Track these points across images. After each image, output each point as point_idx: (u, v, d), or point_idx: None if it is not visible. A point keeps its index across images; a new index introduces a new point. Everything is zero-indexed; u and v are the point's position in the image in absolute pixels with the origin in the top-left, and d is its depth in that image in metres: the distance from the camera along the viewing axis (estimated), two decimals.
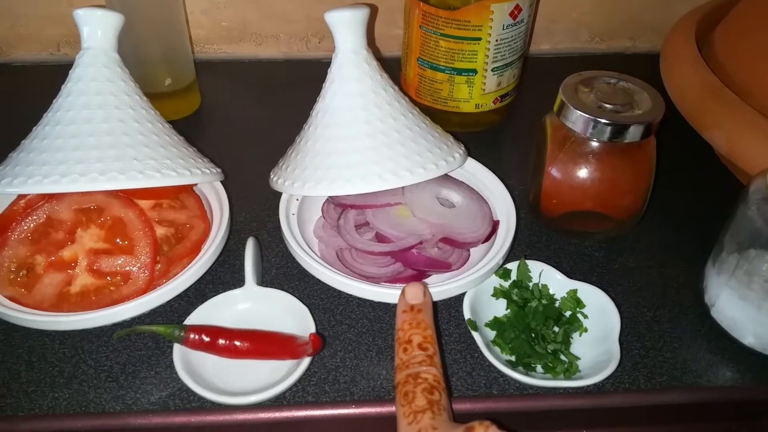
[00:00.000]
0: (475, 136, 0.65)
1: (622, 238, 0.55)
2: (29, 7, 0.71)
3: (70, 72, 0.48)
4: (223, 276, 0.50)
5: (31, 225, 0.44)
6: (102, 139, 0.44)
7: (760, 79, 0.55)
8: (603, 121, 0.47)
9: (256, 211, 0.56)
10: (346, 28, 0.50)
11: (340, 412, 0.39)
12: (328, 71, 0.51)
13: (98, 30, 0.47)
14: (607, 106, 0.49)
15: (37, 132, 0.46)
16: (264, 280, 0.50)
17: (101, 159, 0.43)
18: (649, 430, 0.42)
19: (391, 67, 0.56)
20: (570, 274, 0.48)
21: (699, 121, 0.57)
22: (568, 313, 0.46)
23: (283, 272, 0.51)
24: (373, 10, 0.72)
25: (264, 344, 0.41)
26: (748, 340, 0.45)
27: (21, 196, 0.46)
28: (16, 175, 0.43)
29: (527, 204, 0.56)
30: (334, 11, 0.49)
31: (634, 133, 0.48)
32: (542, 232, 0.55)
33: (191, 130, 0.66)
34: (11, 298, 0.43)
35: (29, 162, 0.43)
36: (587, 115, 0.48)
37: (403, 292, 0.39)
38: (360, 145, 0.48)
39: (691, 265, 0.52)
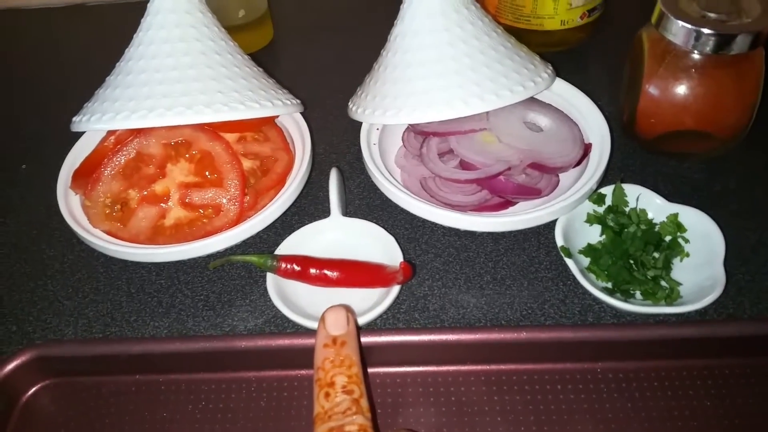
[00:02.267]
0: (560, 55, 0.61)
1: (723, 158, 0.51)
2: None
3: (149, 5, 0.47)
4: (308, 207, 0.50)
5: (122, 160, 0.44)
6: (185, 73, 0.44)
7: None
8: (707, 31, 0.44)
9: (335, 141, 0.56)
10: None
11: (432, 338, 0.39)
12: None
13: None
14: (711, 15, 0.45)
15: (120, 67, 0.46)
16: (347, 211, 0.50)
17: (186, 93, 0.43)
18: (761, 362, 0.40)
19: None
20: (669, 197, 0.46)
21: None
22: (668, 238, 0.44)
23: (366, 203, 0.51)
24: None
25: (355, 273, 0.41)
26: None
27: (110, 132, 0.47)
28: (104, 111, 0.43)
29: (620, 125, 0.53)
30: None
31: (741, 43, 0.44)
32: (637, 154, 0.52)
33: (266, 62, 0.65)
34: (108, 232, 0.44)
35: (116, 98, 0.44)
36: (689, 26, 0.44)
37: (322, 320, 0.34)
38: (443, 69, 0.46)
39: None
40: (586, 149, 0.48)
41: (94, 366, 0.41)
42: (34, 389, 0.41)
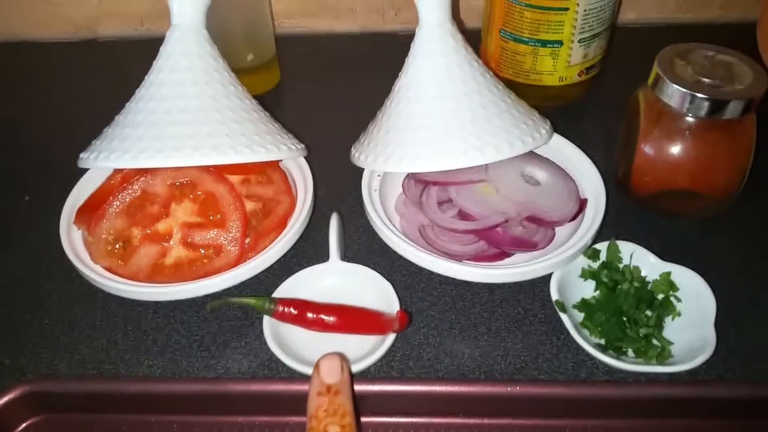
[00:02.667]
0: (559, 110, 0.63)
1: (716, 218, 0.52)
2: None
3: (161, 48, 0.49)
4: (308, 250, 0.51)
5: (128, 199, 0.45)
6: (194, 116, 0.45)
7: None
8: (701, 95, 0.45)
9: (337, 186, 0.56)
10: (431, 1, 0.49)
11: (426, 388, 0.40)
12: (412, 45, 0.51)
13: (187, 6, 0.48)
14: (705, 80, 0.46)
15: (130, 107, 0.48)
16: (346, 255, 0.51)
17: (194, 135, 0.44)
18: (746, 424, 0.40)
19: (470, 40, 0.54)
20: (662, 255, 0.47)
21: None
22: (660, 296, 0.45)
23: (365, 247, 0.51)
24: None
25: (352, 319, 0.42)
26: None
27: (117, 171, 0.48)
28: (112, 150, 0.44)
29: (615, 181, 0.54)
30: None
31: (733, 109, 0.45)
32: (630, 211, 0.53)
33: (272, 105, 0.66)
34: (108, 269, 0.45)
35: (125, 137, 0.45)
36: (684, 90, 0.46)
37: (316, 368, 0.34)
38: (445, 121, 0.48)
39: None
40: (582, 204, 0.49)
41: (86, 403, 0.41)
42: (24, 425, 0.41)
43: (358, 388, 0.39)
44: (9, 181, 0.58)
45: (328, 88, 0.68)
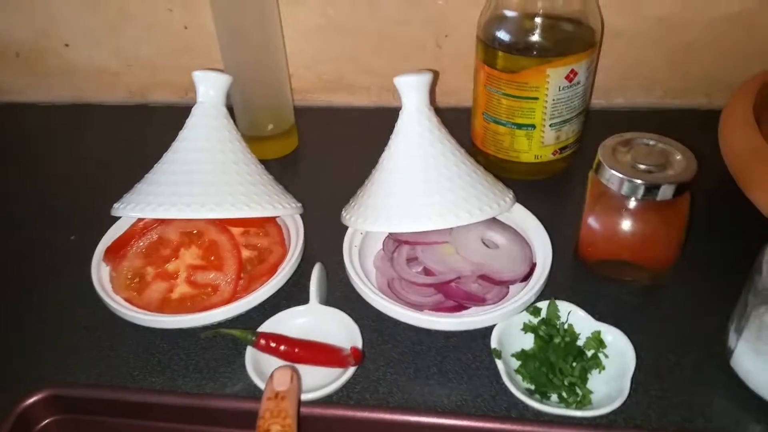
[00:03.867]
0: (541, 182, 0.71)
1: (661, 286, 0.58)
2: (166, 59, 0.85)
3: (187, 120, 0.60)
4: (296, 294, 0.59)
5: (146, 243, 0.55)
6: (205, 178, 0.55)
7: None
8: (635, 180, 0.52)
9: (330, 240, 0.65)
10: (411, 90, 0.58)
11: (372, 415, 0.46)
12: (396, 125, 0.60)
13: (210, 89, 0.59)
14: (642, 166, 0.53)
15: (157, 168, 0.58)
16: (329, 299, 0.59)
17: (203, 194, 0.54)
18: None
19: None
20: (603, 317, 0.53)
21: (743, 181, 0.59)
22: (590, 352, 0.51)
23: (345, 294, 0.59)
24: (436, 75, 0.80)
25: (315, 352, 0.50)
26: (762, 392, 0.48)
27: (140, 219, 0.58)
28: (137, 203, 0.54)
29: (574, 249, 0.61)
30: (402, 76, 0.58)
31: (665, 192, 0.52)
32: (585, 277, 0.60)
33: (288, 167, 0.77)
34: (126, 299, 0.54)
35: (148, 192, 0.55)
36: (621, 175, 0.53)
37: (270, 377, 0.40)
38: (414, 191, 0.56)
39: (724, 317, 0.55)
40: (533, 267, 0.56)
41: (98, 407, 0.49)
42: (46, 421, 0.49)
43: (317, 410, 0.47)
44: (62, 222, 0.70)
45: (340, 155, 0.78)
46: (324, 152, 0.79)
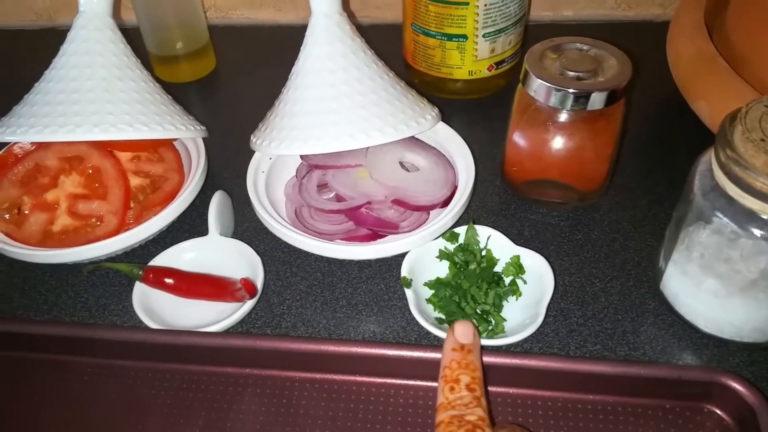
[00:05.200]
0: (478, 101, 0.66)
1: (593, 208, 0.54)
2: None
3: (68, 33, 0.53)
4: (200, 225, 0.54)
5: (22, 170, 0.49)
6: (85, 96, 0.49)
7: (754, 46, 0.52)
8: (561, 88, 0.47)
9: (243, 168, 0.60)
10: None
11: (273, 344, 0.42)
12: (305, 35, 0.53)
13: None
14: (570, 73, 0.48)
15: (36, 88, 0.52)
16: (236, 231, 0.54)
17: (79, 113, 0.48)
18: (578, 398, 0.42)
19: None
20: (527, 241, 0.49)
21: (688, 91, 0.55)
22: (510, 278, 0.47)
23: (254, 226, 0.54)
24: None
25: (204, 286, 0.45)
26: (690, 316, 0.44)
27: (14, 144, 0.52)
28: (8, 126, 0.48)
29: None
30: None
31: (595, 101, 0.47)
32: (512, 200, 0.56)
33: (205, 89, 0.71)
34: (6, 234, 0.49)
35: (21, 114, 0.49)
36: (546, 83, 0.47)
37: (452, 329, 0.38)
38: (321, 108, 0.50)
39: (659, 239, 0.51)
40: (455, 191, 0.52)
41: None
42: None
43: (215, 340, 0.42)
44: None
45: (261, 77, 0.71)
46: (245, 74, 0.72)
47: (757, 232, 0.38)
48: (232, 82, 0.72)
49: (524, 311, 0.45)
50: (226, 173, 0.60)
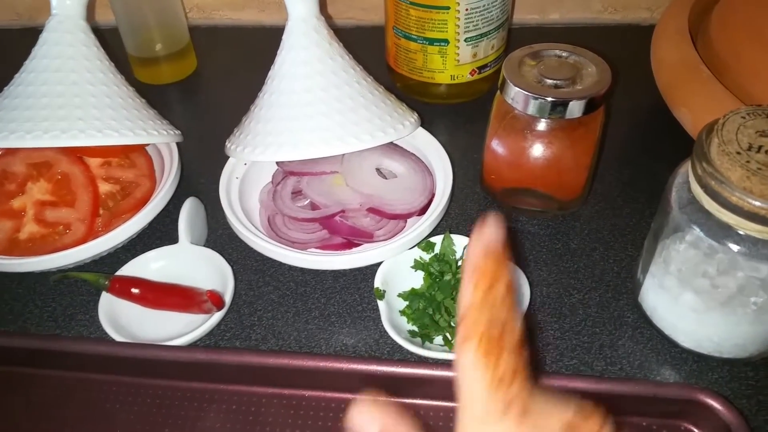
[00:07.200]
0: (461, 106, 0.65)
1: (573, 217, 0.53)
2: None
3: (40, 36, 0.52)
4: (172, 233, 0.53)
5: None
6: (54, 100, 0.48)
7: (737, 54, 0.51)
8: (539, 96, 0.46)
9: (218, 174, 0.59)
10: None
11: (237, 359, 0.41)
12: (282, 39, 0.52)
13: None
14: (549, 81, 0.47)
15: (6, 92, 0.51)
16: (210, 239, 0.53)
17: (48, 118, 0.47)
18: None
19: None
20: (506, 251, 0.48)
21: (670, 97, 0.54)
22: None
23: (227, 233, 0.53)
24: None
25: (170, 296, 0.44)
26: (669, 331, 0.43)
27: None
28: None
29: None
30: None
31: (573, 109, 0.46)
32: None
33: (185, 92, 0.70)
34: None
35: None
36: (524, 91, 0.46)
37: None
38: (297, 113, 0.49)
39: (640, 249, 0.50)
40: (432, 199, 0.50)
41: None
42: None
43: (174, 355, 0.41)
44: None
45: (243, 80, 0.70)
46: (227, 76, 0.71)
47: (734, 247, 0.37)
48: (213, 84, 0.70)
49: None
50: (203, 179, 0.58)
